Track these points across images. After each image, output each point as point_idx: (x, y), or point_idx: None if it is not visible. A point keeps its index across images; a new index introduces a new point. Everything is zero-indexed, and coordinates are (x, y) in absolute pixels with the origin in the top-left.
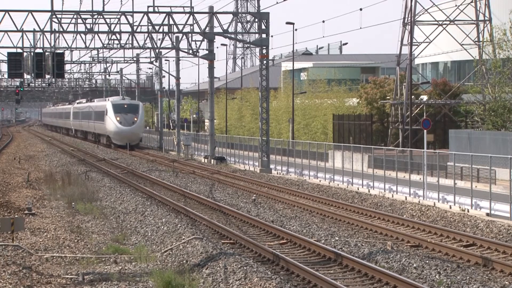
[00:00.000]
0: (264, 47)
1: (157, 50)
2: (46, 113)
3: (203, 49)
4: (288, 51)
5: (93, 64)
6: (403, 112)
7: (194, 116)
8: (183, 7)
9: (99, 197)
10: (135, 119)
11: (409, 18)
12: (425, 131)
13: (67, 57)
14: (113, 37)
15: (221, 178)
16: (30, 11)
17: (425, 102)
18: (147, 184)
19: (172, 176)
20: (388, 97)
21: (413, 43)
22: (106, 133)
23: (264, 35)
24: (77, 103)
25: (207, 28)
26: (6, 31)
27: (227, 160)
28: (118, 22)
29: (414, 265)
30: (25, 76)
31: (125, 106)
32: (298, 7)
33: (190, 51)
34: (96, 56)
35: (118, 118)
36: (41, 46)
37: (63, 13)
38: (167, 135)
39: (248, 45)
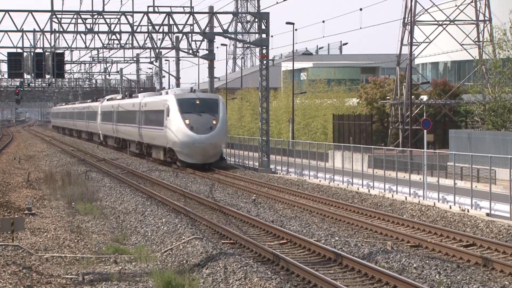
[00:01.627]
0: (264, 47)
1: (157, 50)
2: (58, 113)
3: (203, 49)
4: (288, 51)
5: (93, 64)
6: (403, 112)
7: None
8: (183, 7)
9: (99, 197)
10: (214, 122)
11: (409, 18)
12: (425, 131)
13: (67, 57)
14: (113, 37)
15: (221, 178)
16: (30, 11)
17: (425, 102)
18: (147, 184)
19: (172, 176)
20: (388, 97)
21: (413, 43)
22: (167, 145)
23: (264, 35)
24: (108, 100)
25: (207, 28)
26: (6, 31)
27: (227, 160)
28: (118, 22)
29: (414, 265)
30: (25, 76)
31: (197, 102)
32: (298, 7)
33: (190, 51)
34: (96, 56)
35: (187, 121)
36: (41, 46)
37: (63, 13)
38: None
39: (248, 45)
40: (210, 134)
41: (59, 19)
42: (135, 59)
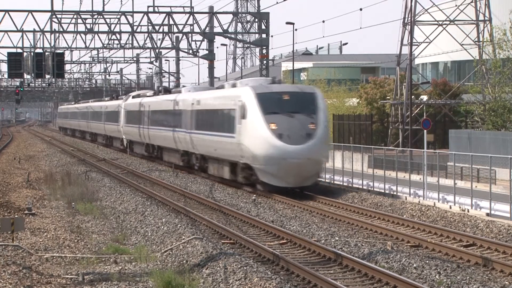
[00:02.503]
0: (264, 47)
1: (157, 50)
2: (66, 113)
3: (203, 49)
4: (288, 51)
5: (93, 64)
6: (403, 112)
7: None
8: (183, 7)
9: (99, 197)
10: (312, 126)
11: (409, 18)
12: (425, 131)
13: (67, 57)
14: (113, 37)
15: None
16: (30, 11)
17: (425, 102)
18: (147, 184)
19: (172, 176)
20: (388, 97)
21: (413, 43)
22: (240, 159)
23: (264, 35)
24: (133, 97)
25: (207, 28)
26: (6, 31)
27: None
28: (118, 22)
29: (414, 265)
30: (25, 76)
31: (286, 97)
32: (298, 7)
33: (190, 51)
34: (96, 56)
35: (274, 126)
36: (41, 46)
37: (63, 13)
38: None
39: (248, 45)
40: (307, 145)
41: (59, 19)
42: (135, 59)
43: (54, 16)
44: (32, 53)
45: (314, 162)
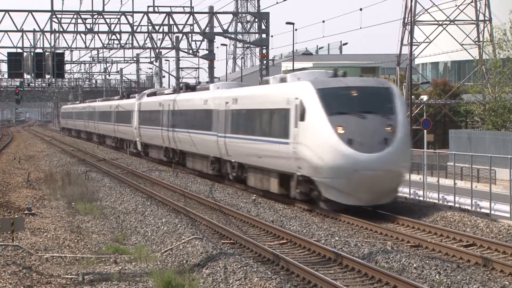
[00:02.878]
0: (264, 47)
1: (157, 50)
2: (71, 113)
3: (203, 49)
4: (288, 51)
5: (93, 64)
6: None
7: None
8: (183, 7)
9: (99, 197)
10: (390, 129)
11: (409, 18)
12: (425, 131)
13: (67, 57)
14: (113, 37)
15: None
16: (30, 11)
17: (425, 102)
18: (147, 184)
19: (172, 176)
20: None
21: (413, 43)
22: (297, 171)
23: (264, 35)
24: (149, 95)
25: (207, 28)
26: (6, 31)
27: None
28: (118, 22)
29: (414, 265)
30: (25, 76)
31: (354, 94)
32: (298, 7)
33: (190, 51)
34: (96, 56)
35: (341, 130)
36: (41, 46)
37: (63, 13)
38: None
39: (248, 45)
40: (385, 153)
41: (59, 19)
42: (135, 59)
43: (54, 16)
44: (32, 53)
45: (393, 174)
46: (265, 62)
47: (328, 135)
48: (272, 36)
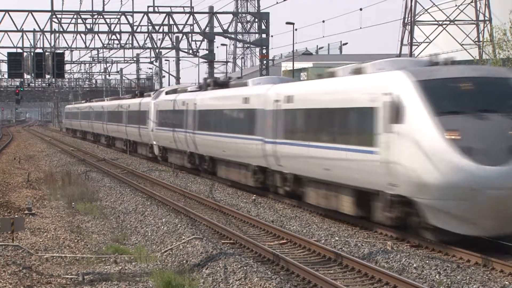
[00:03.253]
0: (264, 47)
1: (157, 50)
2: (76, 113)
3: (203, 49)
4: (288, 51)
5: (93, 64)
6: None
7: None
8: (183, 7)
9: (99, 197)
10: None
11: (409, 18)
12: None
13: (67, 57)
14: (113, 37)
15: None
16: (30, 11)
17: None
18: (147, 184)
19: (172, 176)
20: None
21: (413, 43)
22: (391, 188)
23: (264, 35)
24: (168, 93)
25: (207, 28)
26: (6, 31)
27: None
28: (118, 22)
29: (414, 265)
30: (25, 76)
31: (469, 86)
32: (298, 7)
33: (190, 51)
34: (96, 56)
35: (455, 136)
36: (41, 46)
37: (63, 13)
38: None
39: (248, 45)
40: None
41: (59, 19)
42: (135, 59)
43: (54, 16)
44: (32, 53)
45: None
46: (265, 62)
47: (438, 143)
48: (272, 36)
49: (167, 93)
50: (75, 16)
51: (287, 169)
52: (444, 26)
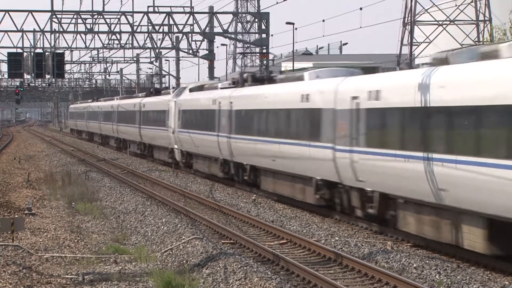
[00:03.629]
0: (264, 47)
1: (157, 50)
2: (82, 113)
3: (203, 49)
4: (288, 51)
5: (93, 64)
6: None
7: None
8: (183, 7)
9: (99, 197)
10: None
11: (409, 18)
12: None
13: (67, 57)
14: (113, 37)
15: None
16: (30, 11)
17: None
18: (147, 184)
19: (172, 176)
20: None
21: (413, 43)
22: None
23: (264, 35)
24: (191, 91)
25: (207, 28)
26: (6, 31)
27: None
28: (118, 22)
29: (414, 265)
30: (25, 76)
31: None
32: (298, 7)
33: (190, 51)
34: (96, 56)
35: None
36: (41, 46)
37: (63, 13)
38: None
39: (248, 45)
40: None
41: (59, 19)
42: (135, 59)
43: (54, 16)
44: (32, 53)
45: None
46: (265, 62)
47: None
48: (272, 35)
49: (191, 90)
50: (75, 16)
51: (371, 186)
52: (444, 26)
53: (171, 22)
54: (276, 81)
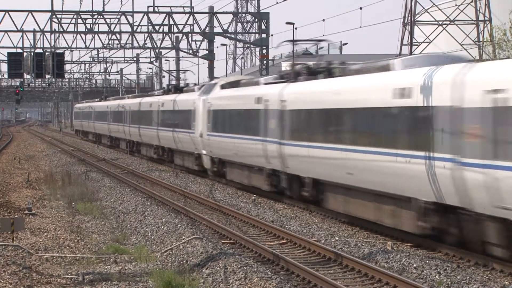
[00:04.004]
0: (264, 47)
1: (157, 50)
2: (89, 113)
3: (203, 49)
4: (288, 51)
5: (93, 64)
6: None
7: None
8: (183, 7)
9: (99, 197)
10: None
11: (409, 18)
12: None
13: (67, 57)
14: (113, 37)
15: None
16: (30, 11)
17: None
18: (147, 184)
19: (172, 176)
20: None
21: (413, 43)
22: None
23: (264, 35)
24: (223, 87)
25: (207, 28)
26: (6, 31)
27: None
28: (118, 22)
29: (414, 265)
30: (25, 76)
31: None
32: (298, 7)
33: (190, 51)
34: (96, 56)
35: None
36: (41, 46)
37: (63, 13)
38: None
39: (248, 45)
40: None
41: (59, 19)
42: (135, 59)
43: (54, 16)
44: (32, 53)
45: None
46: (265, 62)
47: None
48: (272, 35)
49: (223, 87)
50: (75, 16)
51: (493, 210)
52: (444, 26)
53: (171, 22)
54: (346, 73)
